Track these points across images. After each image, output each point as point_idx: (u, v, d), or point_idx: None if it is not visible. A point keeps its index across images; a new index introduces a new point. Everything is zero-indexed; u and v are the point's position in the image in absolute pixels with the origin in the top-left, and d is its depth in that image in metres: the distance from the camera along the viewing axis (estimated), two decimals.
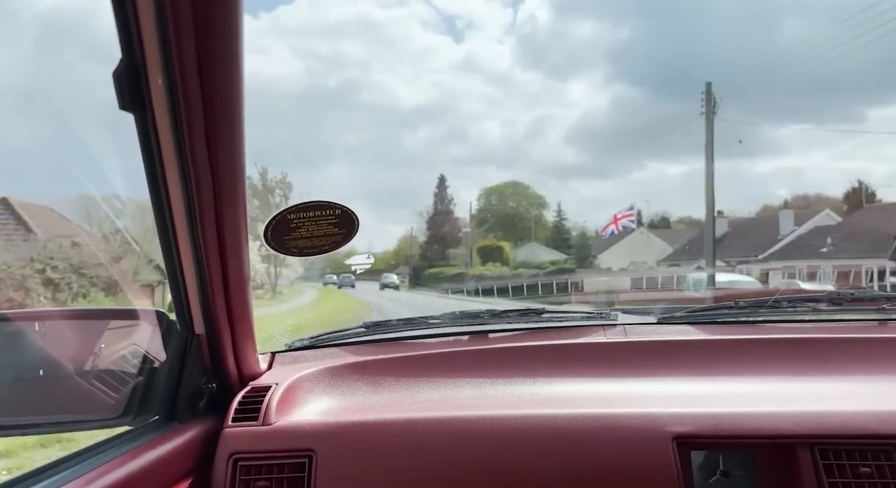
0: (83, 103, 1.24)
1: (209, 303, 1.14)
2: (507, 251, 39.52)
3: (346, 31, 67.07)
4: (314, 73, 63.80)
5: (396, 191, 62.98)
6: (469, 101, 68.40)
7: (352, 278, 24.06)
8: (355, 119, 65.64)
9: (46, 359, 1.16)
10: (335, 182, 57.57)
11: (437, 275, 34.03)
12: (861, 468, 1.14)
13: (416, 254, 45.04)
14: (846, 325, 1.66)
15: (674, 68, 56.96)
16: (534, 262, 34.94)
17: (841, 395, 1.34)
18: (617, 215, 25.64)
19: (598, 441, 1.19)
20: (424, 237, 47.06)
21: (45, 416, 1.13)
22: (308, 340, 1.71)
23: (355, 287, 23.93)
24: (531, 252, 39.59)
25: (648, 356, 1.53)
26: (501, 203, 50.91)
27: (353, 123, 64.96)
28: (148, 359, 1.19)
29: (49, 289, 8.96)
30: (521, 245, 42.29)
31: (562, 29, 66.80)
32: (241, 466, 1.19)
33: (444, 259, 40.01)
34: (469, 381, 1.50)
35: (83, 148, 1.13)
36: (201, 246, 1.04)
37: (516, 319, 1.76)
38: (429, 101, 66.74)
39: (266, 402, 1.29)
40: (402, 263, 41.90)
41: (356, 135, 64.61)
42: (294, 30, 65.43)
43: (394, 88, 68.20)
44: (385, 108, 65.59)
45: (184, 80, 0.83)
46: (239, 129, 0.93)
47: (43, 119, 3.24)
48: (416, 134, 66.97)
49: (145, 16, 0.78)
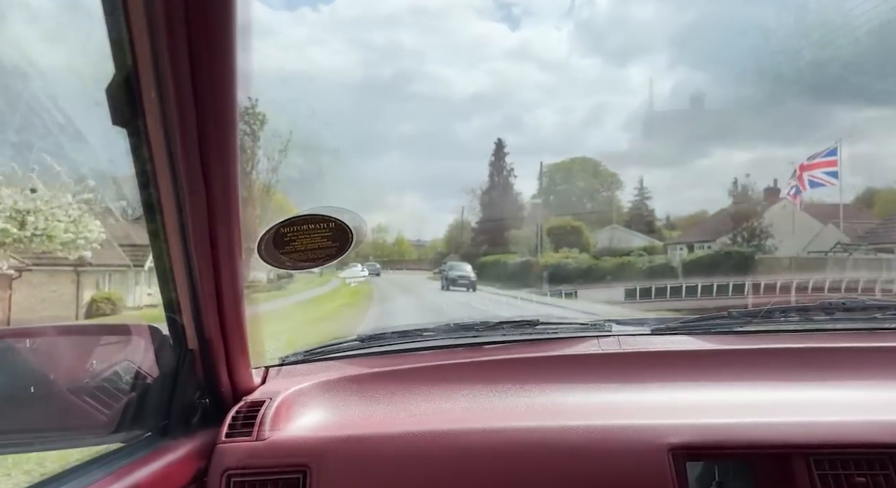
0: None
1: (202, 317, 1.13)
2: (585, 233, 31.43)
3: (400, 20, 66.35)
4: (369, 64, 63.15)
5: (449, 180, 60.86)
6: (524, 89, 66.77)
7: (377, 267, 22.82)
8: (409, 109, 64.85)
9: (38, 376, 1.15)
10: (387, 172, 56.48)
11: (496, 265, 26.97)
12: (856, 478, 1.14)
13: (467, 239, 37.36)
14: (839, 335, 1.66)
15: (740, 52, 54.23)
16: (621, 248, 27.11)
17: (835, 405, 1.34)
18: (806, 163, 15.88)
19: (594, 452, 1.19)
20: (477, 218, 38.41)
21: (37, 433, 1.12)
22: (302, 354, 1.70)
23: (380, 274, 22.17)
24: (614, 236, 31.47)
25: (643, 367, 1.53)
26: (568, 181, 42.80)
27: (408, 113, 64.08)
28: (140, 375, 1.18)
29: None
30: (597, 228, 33.59)
31: (622, 12, 65.23)
32: (234, 482, 1.18)
33: (503, 244, 31.83)
34: (464, 394, 1.49)
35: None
36: (194, 260, 1.04)
37: (510, 331, 1.75)
38: (483, 89, 65.22)
39: (260, 417, 1.28)
40: (451, 251, 36.02)
41: (410, 125, 63.69)
42: (350, 21, 64.90)
43: (448, 78, 67.22)
44: (439, 98, 64.63)
45: (177, 95, 0.83)
46: (232, 144, 0.94)
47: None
48: (469, 123, 65.61)
49: (138, 32, 0.78)
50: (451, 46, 65.42)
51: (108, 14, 0.79)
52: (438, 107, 63.01)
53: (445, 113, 64.20)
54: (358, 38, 61.28)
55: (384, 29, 62.58)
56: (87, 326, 1.48)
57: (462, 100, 57.66)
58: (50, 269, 9.47)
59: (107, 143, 1.04)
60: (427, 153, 62.73)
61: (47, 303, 9.64)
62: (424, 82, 63.48)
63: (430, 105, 61.16)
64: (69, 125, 1.40)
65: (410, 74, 63.38)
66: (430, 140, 61.90)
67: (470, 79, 63.23)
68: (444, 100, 62.86)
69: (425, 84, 63.45)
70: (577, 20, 64.52)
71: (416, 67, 62.56)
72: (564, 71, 63.56)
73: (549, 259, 24.98)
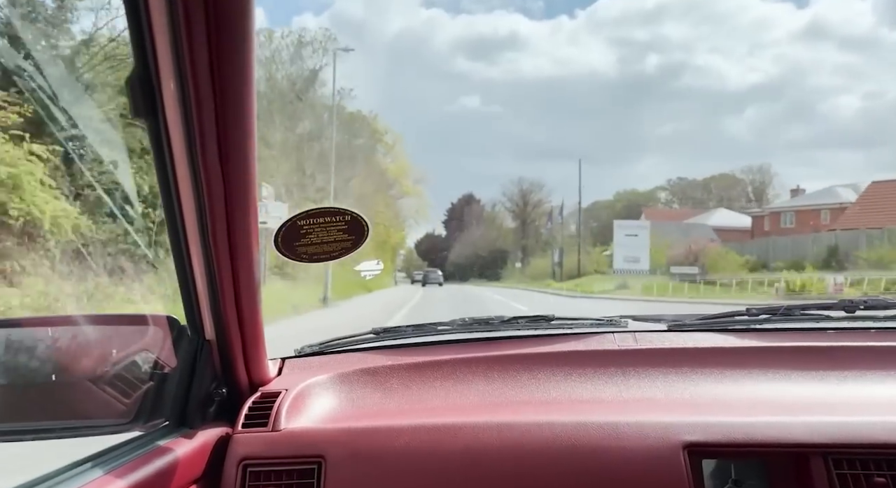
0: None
1: (220, 309, 1.14)
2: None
3: (666, 12, 62.34)
4: (628, 62, 59.03)
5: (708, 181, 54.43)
6: (817, 73, 58.79)
7: (439, 274, 19.64)
8: (671, 108, 60.00)
9: (58, 365, 1.17)
10: (643, 177, 52.62)
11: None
12: (875, 478, 1.12)
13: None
14: (859, 333, 1.64)
15: None
16: None
17: (855, 404, 1.33)
18: None
19: (608, 449, 1.18)
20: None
21: (57, 421, 1.14)
22: (318, 346, 1.72)
23: (443, 284, 19.47)
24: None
25: (659, 363, 1.52)
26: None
27: (669, 113, 59.67)
28: (158, 365, 1.19)
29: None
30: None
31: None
32: (250, 472, 1.19)
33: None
34: (478, 388, 1.49)
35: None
36: (212, 252, 1.05)
37: (526, 326, 1.75)
38: (763, 78, 58.27)
39: (276, 408, 1.29)
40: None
41: (671, 125, 59.44)
42: (610, 21, 61.67)
43: (721, 69, 61.30)
44: (709, 92, 59.38)
45: (196, 87, 0.84)
46: (251, 136, 0.94)
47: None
48: (741, 117, 59.83)
49: (158, 23, 0.79)
50: (726, 34, 57.97)
51: (129, 4, 0.79)
52: (707, 102, 56.02)
53: (712, 109, 56.60)
54: (618, 36, 56.01)
55: (648, 23, 56.51)
56: (106, 316, 1.50)
57: (735, 91, 49.85)
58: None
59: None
60: (689, 153, 55.32)
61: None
62: (693, 76, 57.25)
63: (696, 101, 54.40)
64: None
65: (677, 68, 57.46)
66: (693, 139, 55.17)
67: (748, 66, 54.59)
68: (716, 93, 55.48)
69: (694, 77, 57.14)
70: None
71: (685, 60, 56.17)
72: (870, 48, 52.97)
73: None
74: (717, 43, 58.03)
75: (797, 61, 56.41)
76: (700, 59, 57.98)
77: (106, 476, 0.95)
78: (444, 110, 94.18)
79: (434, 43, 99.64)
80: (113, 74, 13.03)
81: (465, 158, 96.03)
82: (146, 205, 4.98)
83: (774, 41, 59.16)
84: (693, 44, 57.46)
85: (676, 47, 56.72)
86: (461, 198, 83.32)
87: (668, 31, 57.97)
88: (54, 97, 1.16)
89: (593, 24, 57.26)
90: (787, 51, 57.03)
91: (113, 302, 9.87)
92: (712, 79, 57.17)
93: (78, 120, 1.24)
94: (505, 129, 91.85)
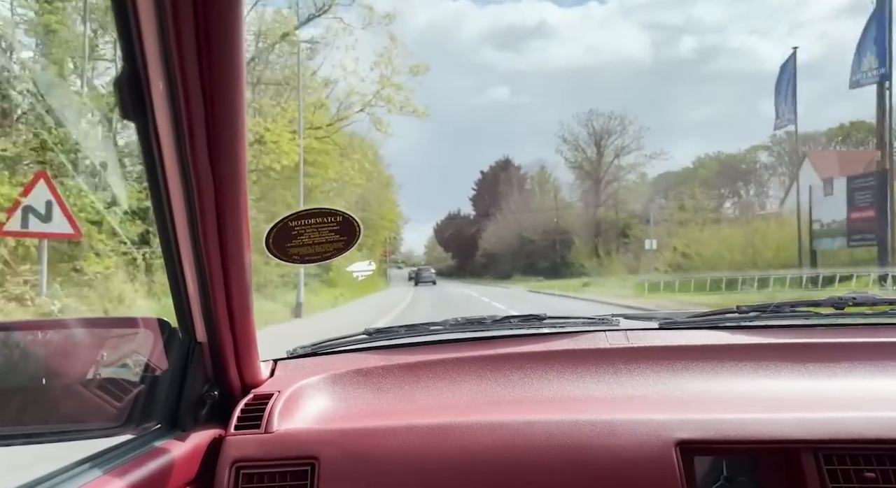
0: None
1: (211, 310, 1.14)
2: None
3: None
4: (661, 45, 56.99)
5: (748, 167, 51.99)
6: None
7: (432, 273, 17.58)
8: (706, 91, 57.70)
9: (48, 369, 1.16)
10: (674, 164, 49.81)
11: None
12: (866, 473, 1.13)
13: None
14: (849, 329, 1.65)
15: None
16: None
17: (845, 400, 1.34)
18: None
19: (601, 446, 1.19)
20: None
21: (48, 426, 1.13)
22: (310, 347, 1.71)
23: (436, 283, 17.24)
24: None
25: (651, 361, 1.53)
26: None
27: (704, 95, 57.35)
28: (150, 368, 1.19)
29: None
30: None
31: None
32: (243, 474, 1.19)
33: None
34: (471, 387, 1.49)
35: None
36: (203, 253, 1.04)
37: (518, 325, 1.76)
38: (804, 57, 55.50)
39: (268, 410, 1.29)
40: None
41: (706, 108, 57.12)
42: (642, 4, 59.31)
43: (757, 50, 58.66)
44: (746, 74, 56.75)
45: (185, 87, 0.83)
46: (241, 136, 0.94)
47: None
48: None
49: (147, 23, 0.79)
50: (764, 13, 55.68)
51: (117, 5, 0.79)
52: (743, 84, 53.66)
53: (748, 91, 54.22)
54: (651, 20, 53.45)
55: (681, 6, 54.00)
56: (97, 320, 1.49)
57: (774, 73, 49.10)
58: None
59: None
60: (725, 137, 52.55)
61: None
62: (729, 58, 54.89)
63: (732, 84, 51.92)
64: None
65: (711, 51, 54.83)
66: (729, 122, 53.18)
67: (788, 46, 53.00)
68: (752, 75, 53.35)
69: (729, 60, 54.75)
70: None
71: (719, 42, 53.53)
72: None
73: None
74: (753, 23, 57.07)
75: (840, 37, 54.84)
76: (736, 40, 56.71)
77: (98, 479, 0.94)
78: (471, 103, 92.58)
79: (461, 35, 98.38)
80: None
81: (490, 150, 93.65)
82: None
83: (815, 19, 57.25)
84: (726, 26, 56.17)
85: (710, 29, 55.45)
86: (494, 165, 62.97)
87: (701, 12, 56.88)
88: (39, 94, 1.15)
89: (625, 8, 56.64)
90: (829, 28, 55.64)
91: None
92: (749, 61, 56.04)
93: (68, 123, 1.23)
94: (532, 119, 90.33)
